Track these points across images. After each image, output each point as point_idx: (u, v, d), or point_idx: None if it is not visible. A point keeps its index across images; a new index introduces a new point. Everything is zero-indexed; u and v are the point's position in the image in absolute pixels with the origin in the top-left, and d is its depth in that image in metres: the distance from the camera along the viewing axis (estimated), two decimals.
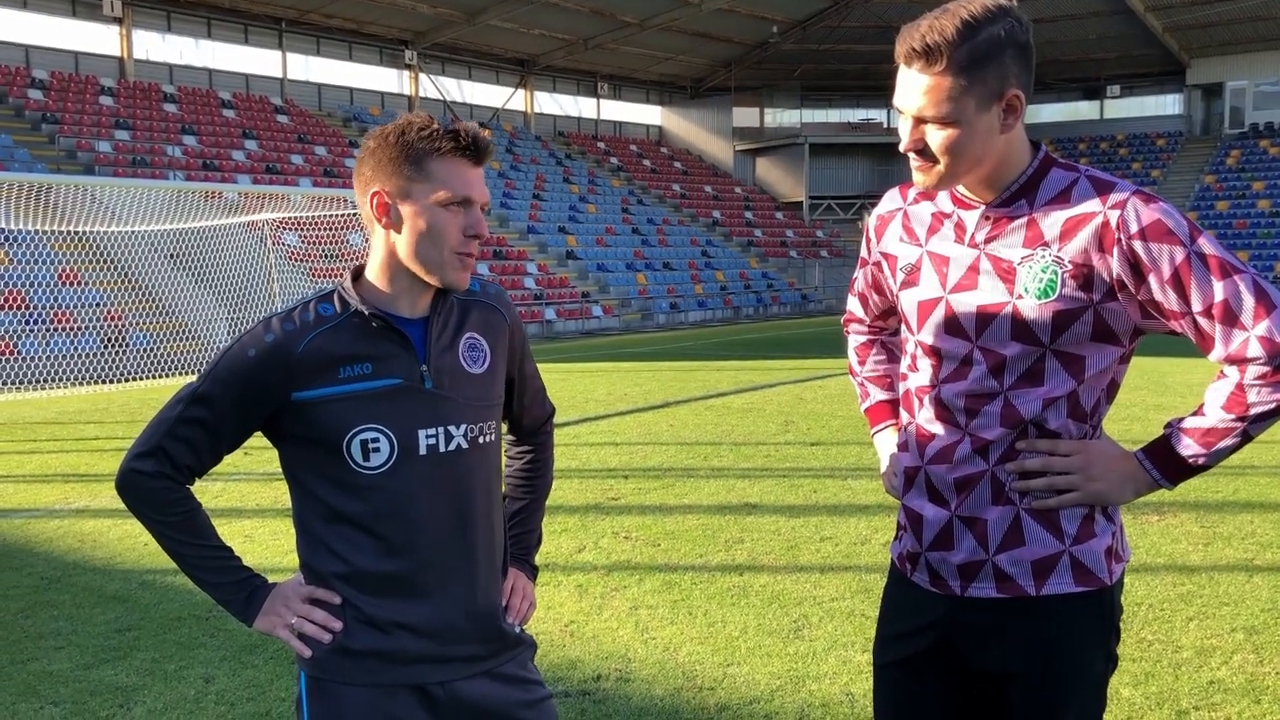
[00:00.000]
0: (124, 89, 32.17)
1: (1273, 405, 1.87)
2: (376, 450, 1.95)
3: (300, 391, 1.94)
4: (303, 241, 23.03)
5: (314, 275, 22.65)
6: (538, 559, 2.38)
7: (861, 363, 2.46)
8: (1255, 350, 1.84)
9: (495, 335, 2.12)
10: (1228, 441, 1.91)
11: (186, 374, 18.07)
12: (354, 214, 20.02)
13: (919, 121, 1.92)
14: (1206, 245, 1.86)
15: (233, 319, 20.03)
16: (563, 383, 16.06)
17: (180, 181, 24.98)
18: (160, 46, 35.42)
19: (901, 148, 1.96)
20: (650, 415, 12.26)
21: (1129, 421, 10.72)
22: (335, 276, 22.23)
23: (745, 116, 50.05)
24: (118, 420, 12.83)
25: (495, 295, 2.16)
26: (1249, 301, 1.84)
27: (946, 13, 1.87)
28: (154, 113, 31.37)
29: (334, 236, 21.42)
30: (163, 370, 17.86)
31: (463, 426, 2.02)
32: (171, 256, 21.14)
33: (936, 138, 1.91)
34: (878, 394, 2.41)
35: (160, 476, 1.97)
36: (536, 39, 41.53)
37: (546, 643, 4.90)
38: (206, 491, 8.10)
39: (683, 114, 51.22)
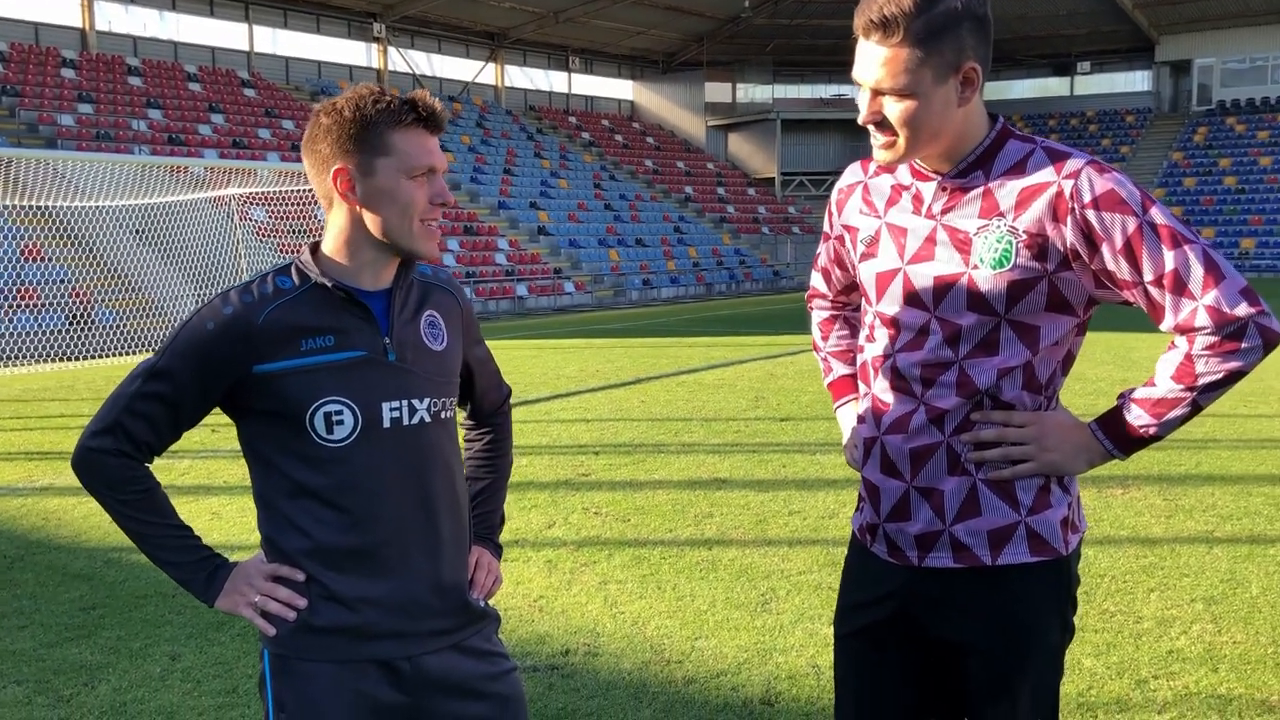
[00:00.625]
0: (86, 61, 31.70)
1: (1220, 375, 1.88)
2: (340, 423, 1.93)
3: (262, 364, 1.92)
4: (270, 216, 22.79)
5: (282, 250, 22.43)
6: (502, 537, 2.38)
7: (825, 338, 2.47)
8: (1203, 320, 1.86)
9: (451, 317, 2.12)
10: (1178, 411, 1.93)
11: (153, 351, 17.89)
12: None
13: (877, 94, 1.92)
14: (1158, 215, 1.88)
15: (200, 295, 19.83)
16: (534, 359, 16.04)
17: (146, 156, 24.67)
18: (123, 18, 34.91)
19: (860, 120, 1.97)
20: (622, 391, 12.26)
21: (1095, 395, 10.83)
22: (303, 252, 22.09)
23: (717, 92, 49.97)
24: (83, 398, 12.70)
25: (447, 280, 2.18)
26: (1198, 271, 1.86)
27: None
28: (118, 86, 30.93)
29: (302, 211, 21.21)
30: (129, 347, 17.68)
31: (426, 400, 2.01)
32: (137, 232, 20.88)
33: (894, 109, 1.91)
34: (840, 369, 2.42)
35: (118, 454, 1.95)
36: (507, 11, 41.21)
37: (515, 618, 4.90)
38: (173, 469, 8.05)
39: (655, 89, 51.05)
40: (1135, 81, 52.19)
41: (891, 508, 2.08)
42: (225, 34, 37.15)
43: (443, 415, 2.05)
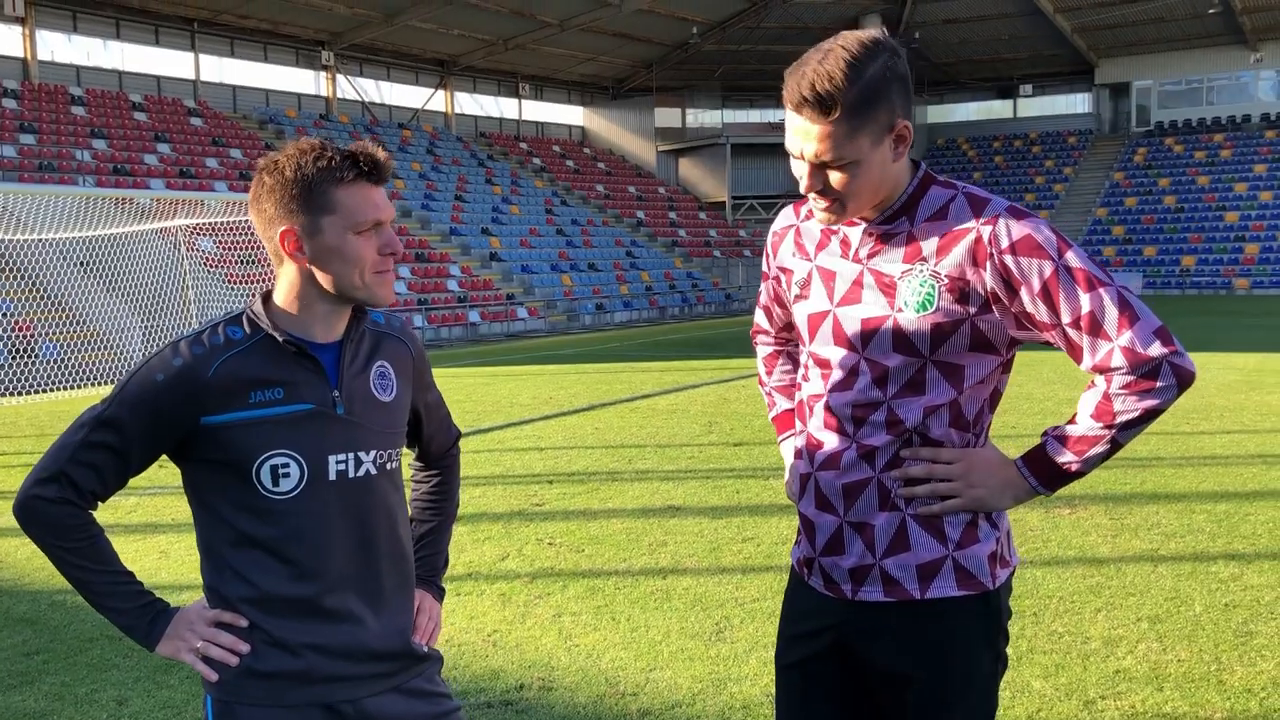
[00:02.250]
0: (28, 91, 31.24)
1: (1138, 413, 1.94)
2: (286, 475, 1.94)
3: (209, 416, 1.92)
4: (218, 247, 22.55)
5: (230, 280, 22.22)
6: (456, 569, 2.39)
7: (769, 373, 2.53)
8: (1119, 360, 1.92)
9: (401, 366, 2.13)
10: (1098, 449, 1.99)
11: (99, 384, 17.62)
12: None
13: (818, 166, 1.96)
14: (1074, 259, 1.93)
15: (147, 327, 19.56)
16: (487, 387, 15.99)
17: (90, 187, 24.33)
18: (66, 47, 34.46)
19: (802, 189, 2.01)
20: (575, 419, 12.25)
21: (1043, 415, 11.00)
22: (252, 282, 21.87)
23: (667, 117, 50.28)
24: (25, 434, 12.47)
25: (400, 329, 2.19)
26: (1113, 313, 1.91)
27: (829, 55, 1.91)
28: (61, 116, 30.51)
29: (251, 241, 20.97)
30: (74, 381, 17.39)
31: (372, 452, 2.03)
32: (82, 264, 20.58)
33: (837, 178, 1.96)
34: (783, 403, 2.47)
35: (63, 502, 1.94)
36: (456, 39, 41.24)
37: (469, 653, 4.88)
38: (120, 506, 7.92)
39: (605, 114, 51.27)
40: (1076, 104, 53.28)
41: (826, 542, 2.12)
42: (171, 62, 36.79)
43: (388, 466, 2.07)
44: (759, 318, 2.52)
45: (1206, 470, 8.42)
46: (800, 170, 2.00)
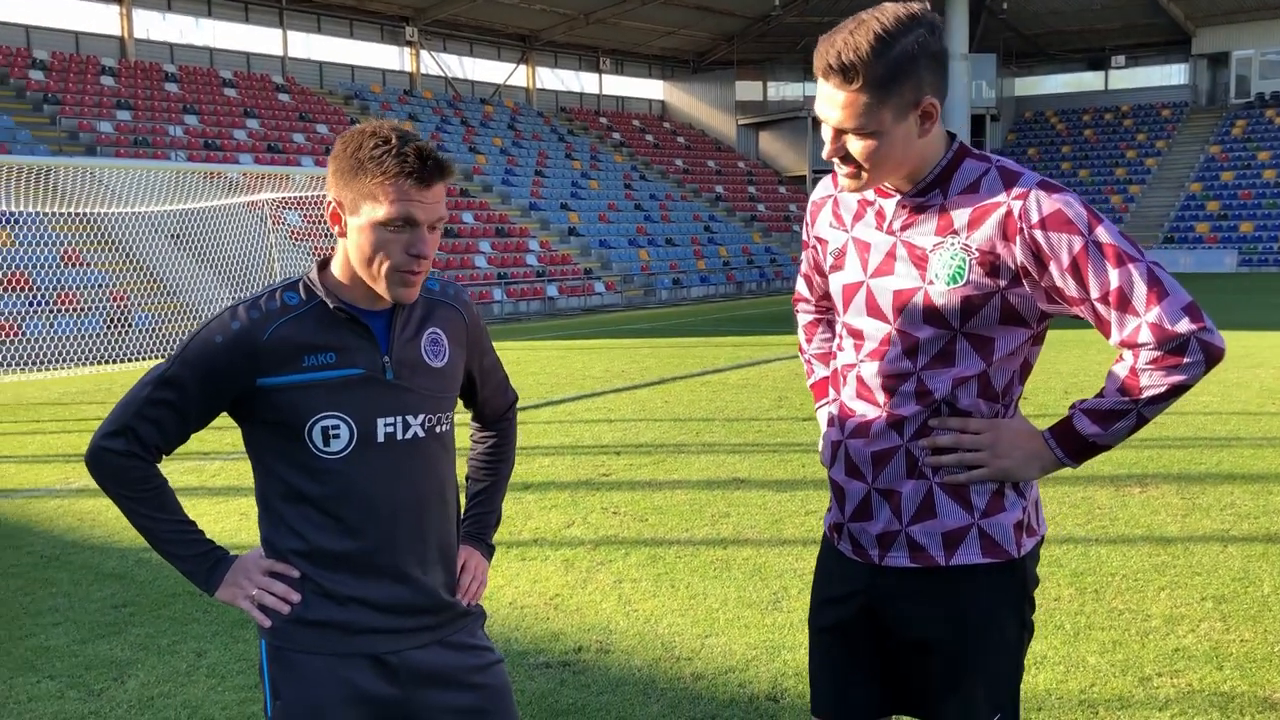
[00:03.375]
0: (125, 69, 32.21)
1: (1164, 388, 1.95)
2: (337, 436, 2.05)
3: (265, 378, 2.03)
4: (305, 220, 23.07)
5: (316, 254, 22.69)
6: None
7: (809, 340, 2.57)
8: (1146, 336, 1.93)
9: (455, 332, 2.21)
10: (1124, 423, 2.00)
11: None
12: None
13: (839, 132, 2.00)
14: (1104, 234, 1.94)
15: (235, 299, 19.95)
16: (561, 360, 16.17)
17: (182, 162, 25.06)
18: (161, 26, 35.45)
19: (824, 155, 2.04)
20: (646, 392, 12.36)
21: (1069, 390, 10.80)
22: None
23: (748, 90, 49.92)
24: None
25: (455, 295, 2.25)
26: (1141, 289, 1.92)
27: (861, 26, 1.94)
28: (155, 92, 31.41)
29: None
30: (165, 350, 17.98)
31: (420, 416, 2.12)
32: (174, 237, 21.24)
33: (857, 146, 1.99)
34: (821, 371, 2.51)
35: (129, 455, 2.07)
36: (538, 14, 41.42)
37: (531, 615, 5.02)
38: (204, 470, 8.24)
39: (685, 88, 51.09)
40: (1171, 75, 51.58)
41: (855, 508, 2.17)
42: (260, 39, 37.64)
43: (437, 430, 2.16)
44: (800, 286, 2.56)
45: None
46: (826, 135, 2.04)
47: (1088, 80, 53.11)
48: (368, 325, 2.09)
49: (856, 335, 2.15)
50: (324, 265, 2.13)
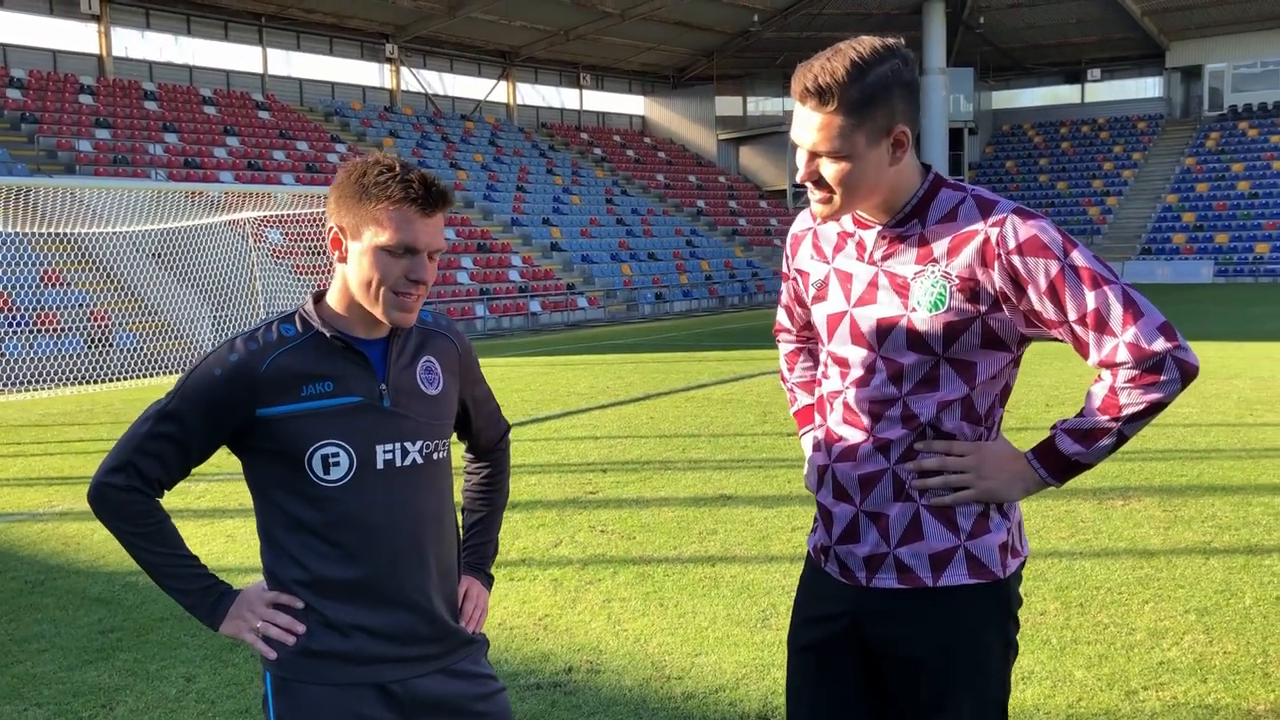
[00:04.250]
0: (104, 87, 32.11)
1: (1143, 406, 2.01)
2: (337, 464, 2.07)
3: (264, 408, 2.06)
4: (286, 238, 23.06)
5: (298, 271, 22.68)
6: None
7: (790, 369, 2.62)
8: (1124, 355, 1.98)
9: (448, 361, 2.25)
10: (1105, 441, 2.06)
11: (173, 373, 18.12)
12: None
13: (814, 155, 2.06)
14: (1079, 258, 2.00)
15: (217, 316, 20.07)
16: (545, 377, 16.18)
17: (162, 181, 24.98)
18: (139, 44, 35.38)
19: (798, 179, 2.10)
20: (631, 408, 12.39)
21: (1050, 406, 10.88)
22: (319, 272, 22.29)
23: (728, 105, 50.18)
24: (102, 421, 12.90)
25: (446, 326, 2.30)
26: (1118, 310, 1.98)
27: (838, 53, 2.00)
28: (134, 111, 31.32)
29: (318, 232, 21.46)
30: (147, 369, 17.91)
31: (418, 443, 2.15)
32: (155, 256, 21.16)
33: (830, 170, 2.04)
34: (804, 399, 2.56)
35: (131, 490, 2.09)
36: (518, 30, 41.54)
37: (520, 636, 5.03)
38: (189, 492, 8.20)
39: (666, 103, 51.30)
40: (1146, 88, 52.13)
41: (842, 531, 2.21)
42: (239, 57, 37.60)
43: (435, 456, 2.19)
44: (780, 316, 2.62)
45: (1267, 462, 8.30)
46: (800, 159, 2.09)
47: (1064, 93, 53.63)
48: (364, 354, 2.12)
49: (841, 363, 2.20)
50: (319, 298, 2.16)
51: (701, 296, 36.45)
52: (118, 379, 17.48)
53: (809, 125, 2.03)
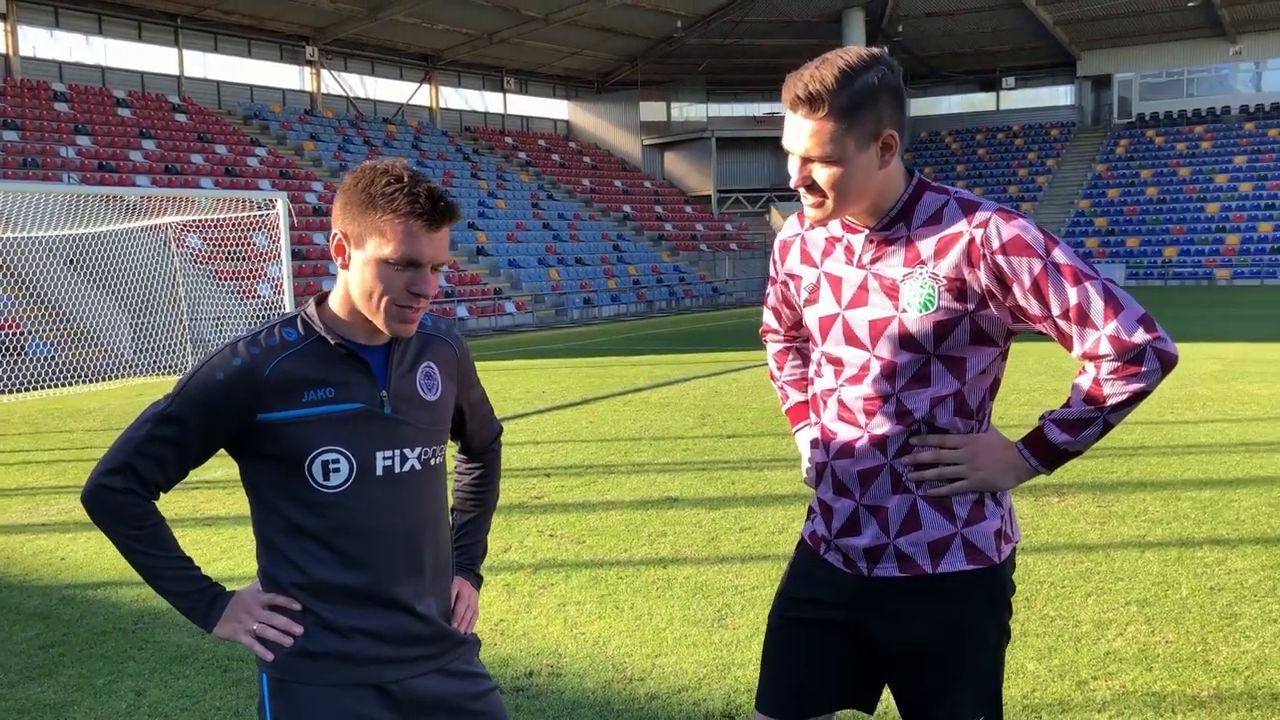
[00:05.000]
0: (10, 87, 31.12)
1: (1126, 396, 2.10)
2: (336, 470, 2.06)
3: (265, 413, 2.04)
4: (206, 243, 22.56)
5: (219, 277, 22.23)
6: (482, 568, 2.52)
7: (780, 368, 2.68)
8: (1106, 348, 2.08)
9: (447, 366, 2.25)
10: (1091, 430, 2.15)
11: (91, 381, 17.64)
12: (258, 215, 19.75)
13: (806, 161, 2.13)
14: (1060, 256, 2.09)
15: (136, 324, 19.58)
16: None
17: (76, 184, 24.29)
18: (48, 43, 34.36)
19: (792, 184, 2.17)
20: (569, 412, 12.37)
21: (1028, 406, 11.16)
22: (241, 278, 21.88)
23: (652, 111, 50.38)
24: (20, 432, 12.51)
25: (446, 330, 2.30)
26: (1099, 304, 2.07)
27: (826, 62, 2.09)
28: (44, 112, 30.41)
29: (239, 237, 21.05)
30: (64, 379, 17.40)
31: (417, 449, 2.15)
32: (71, 262, 20.56)
33: (822, 174, 2.12)
34: (796, 396, 2.62)
35: (128, 492, 2.06)
36: (440, 34, 41.24)
37: (479, 634, 4.98)
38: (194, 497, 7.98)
39: (590, 108, 51.33)
40: (1059, 96, 53.60)
41: (842, 524, 2.28)
42: (154, 58, 36.70)
43: (432, 462, 2.19)
44: (768, 318, 2.67)
45: (1191, 458, 8.59)
46: (793, 166, 2.16)
47: (980, 100, 54.88)
48: (366, 360, 2.11)
49: (836, 362, 2.27)
50: (321, 301, 2.15)
51: (629, 301, 36.53)
52: (33, 389, 16.95)
53: (801, 132, 2.11)
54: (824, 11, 44.11)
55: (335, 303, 2.12)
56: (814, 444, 2.35)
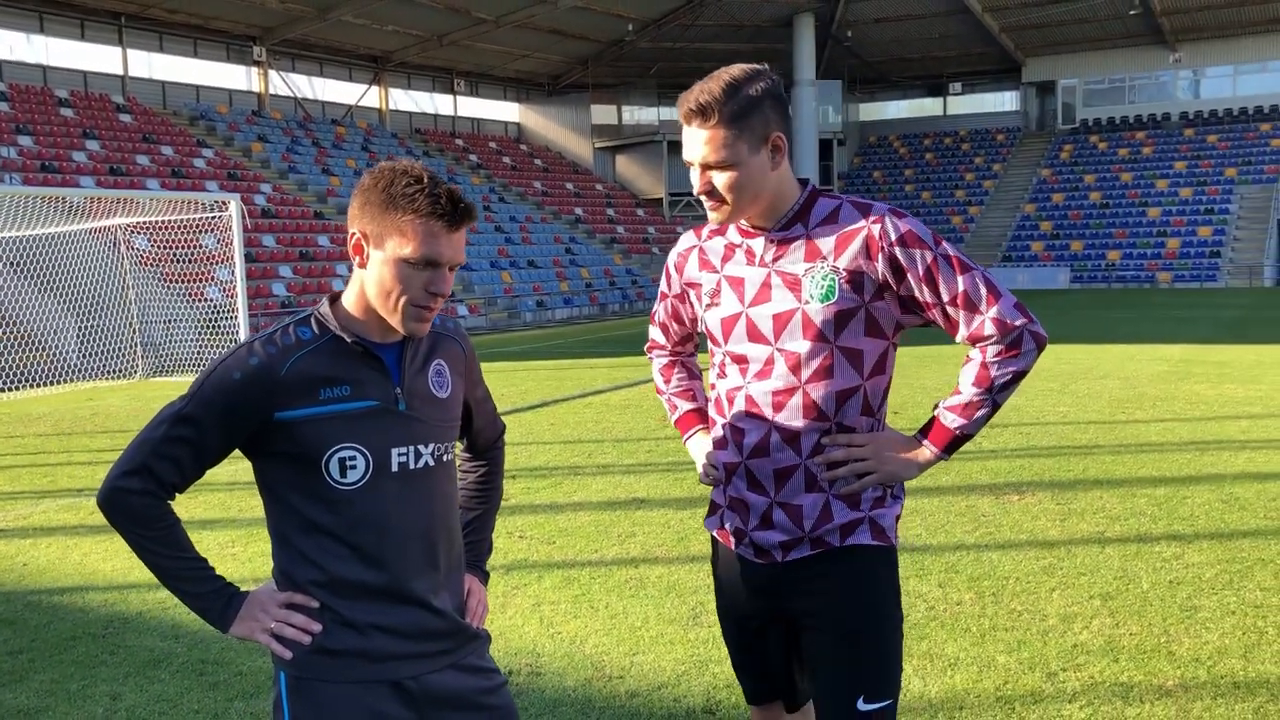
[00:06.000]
0: None
1: (1009, 376, 2.34)
2: (353, 467, 2.08)
3: (282, 411, 2.05)
4: (153, 244, 22.18)
5: (166, 279, 21.90)
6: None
7: (667, 381, 2.84)
8: (990, 329, 2.31)
9: (455, 364, 2.29)
10: (982, 412, 2.37)
11: (38, 386, 17.31)
12: (208, 217, 19.50)
13: (705, 168, 2.30)
14: (948, 249, 2.33)
15: (83, 326, 19.23)
16: None
17: (18, 185, 23.80)
18: None
19: (695, 192, 2.35)
20: (530, 415, 12.37)
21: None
22: (188, 280, 21.56)
23: (604, 114, 50.38)
24: None
25: (454, 329, 2.34)
26: (982, 291, 2.31)
27: (713, 77, 2.29)
28: None
29: (187, 239, 20.75)
30: (9, 383, 17.06)
31: (430, 445, 2.18)
32: (13, 264, 20.14)
33: (721, 179, 2.30)
34: (684, 405, 2.79)
35: (145, 494, 2.06)
36: (390, 35, 40.94)
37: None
38: (212, 499, 7.87)
39: (541, 111, 51.24)
40: (1004, 101, 54.40)
41: (758, 520, 2.43)
42: (98, 57, 36.05)
43: (444, 458, 2.22)
44: (654, 334, 2.83)
45: (1144, 457, 8.80)
46: (694, 176, 2.33)
47: (928, 106, 55.54)
48: (380, 358, 2.13)
49: (740, 360, 2.41)
50: (334, 299, 2.17)
51: (583, 304, 36.52)
52: None
53: (696, 141, 2.29)
54: (774, 17, 44.42)
55: (350, 301, 2.14)
56: (720, 443, 2.48)
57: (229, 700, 4.39)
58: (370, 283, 2.08)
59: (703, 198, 2.33)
